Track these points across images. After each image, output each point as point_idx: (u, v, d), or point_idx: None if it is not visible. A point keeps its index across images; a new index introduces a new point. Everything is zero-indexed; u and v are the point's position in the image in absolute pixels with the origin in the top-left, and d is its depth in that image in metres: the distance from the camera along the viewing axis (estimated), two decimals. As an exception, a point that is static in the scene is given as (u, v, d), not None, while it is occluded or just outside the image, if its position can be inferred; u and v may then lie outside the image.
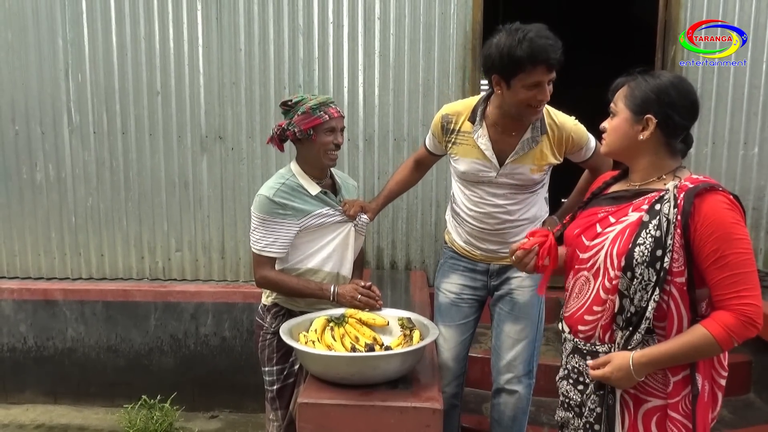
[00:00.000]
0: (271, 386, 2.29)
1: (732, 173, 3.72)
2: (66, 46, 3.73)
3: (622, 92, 1.61)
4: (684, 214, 1.46)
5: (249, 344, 3.72)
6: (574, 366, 1.68)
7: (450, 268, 2.47)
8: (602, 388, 1.59)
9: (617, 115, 1.61)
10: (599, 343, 1.60)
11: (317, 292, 2.18)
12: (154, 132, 3.79)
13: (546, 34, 1.93)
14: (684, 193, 1.48)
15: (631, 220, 1.56)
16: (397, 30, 3.67)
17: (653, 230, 1.49)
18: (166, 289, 3.78)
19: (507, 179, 2.21)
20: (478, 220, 2.31)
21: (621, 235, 1.55)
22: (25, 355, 3.84)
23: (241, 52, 3.70)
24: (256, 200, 2.17)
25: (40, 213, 3.90)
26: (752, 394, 3.31)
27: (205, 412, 3.77)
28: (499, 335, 2.40)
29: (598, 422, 1.60)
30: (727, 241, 1.44)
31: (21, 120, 3.81)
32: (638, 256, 1.49)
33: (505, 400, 2.41)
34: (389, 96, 3.73)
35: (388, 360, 1.88)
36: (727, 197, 1.48)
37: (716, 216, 1.45)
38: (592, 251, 1.62)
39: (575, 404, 1.69)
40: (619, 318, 1.54)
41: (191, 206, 3.85)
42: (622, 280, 1.52)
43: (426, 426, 1.79)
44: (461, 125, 2.25)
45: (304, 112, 2.13)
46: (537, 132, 2.14)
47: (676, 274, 1.48)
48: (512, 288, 2.35)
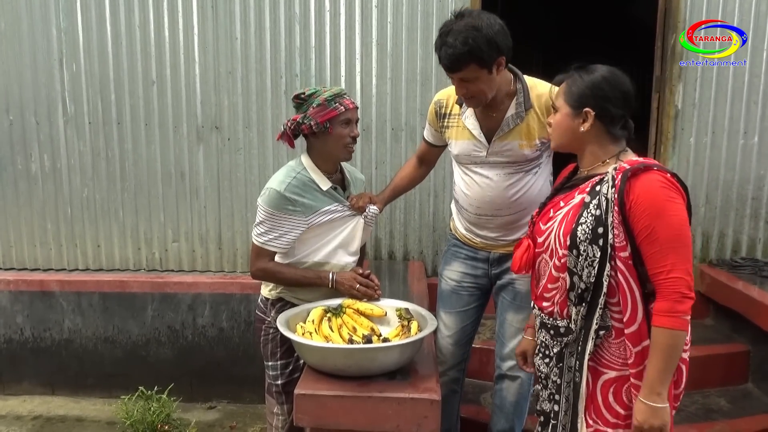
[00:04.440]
0: (275, 380, 2.27)
1: (732, 163, 3.70)
2: (60, 35, 3.69)
3: (562, 89, 1.73)
4: (620, 193, 1.57)
5: (246, 335, 3.72)
6: (542, 340, 1.83)
7: (452, 256, 2.51)
8: (561, 360, 1.75)
9: (559, 111, 1.73)
10: (559, 318, 1.74)
11: (315, 281, 2.16)
12: (149, 122, 3.76)
13: (444, 39, 1.98)
14: (621, 173, 1.60)
15: (575, 202, 1.70)
16: (395, 18, 3.63)
17: (593, 209, 1.61)
18: (163, 280, 3.77)
19: (497, 157, 2.22)
20: (474, 205, 2.32)
21: (566, 217, 1.69)
22: (22, 346, 3.83)
23: (237, 40, 3.66)
24: (266, 193, 2.11)
25: (36, 204, 3.87)
26: (750, 383, 3.32)
27: (202, 402, 3.77)
28: (502, 324, 2.44)
29: (559, 392, 1.77)
30: (658, 217, 1.54)
31: (15, 110, 3.78)
32: (581, 234, 1.61)
33: (507, 386, 2.45)
34: (387, 85, 3.70)
35: (386, 352, 1.87)
36: (663, 176, 1.57)
37: (649, 193, 1.55)
38: (545, 234, 1.77)
39: (543, 377, 1.84)
40: (572, 294, 1.67)
41: (188, 197, 3.83)
42: (570, 258, 1.65)
43: (424, 417, 1.79)
44: (451, 108, 2.29)
45: (319, 104, 2.09)
46: (521, 107, 2.15)
47: (619, 249, 1.58)
48: (514, 278, 2.35)
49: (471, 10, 2.02)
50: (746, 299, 3.26)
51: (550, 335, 1.78)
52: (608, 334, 1.65)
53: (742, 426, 2.93)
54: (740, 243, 3.79)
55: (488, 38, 1.93)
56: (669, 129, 3.69)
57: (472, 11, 2.01)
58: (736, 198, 3.74)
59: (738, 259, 3.73)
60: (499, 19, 2.00)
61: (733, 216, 3.76)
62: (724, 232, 3.77)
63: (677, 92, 3.65)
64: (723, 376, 3.29)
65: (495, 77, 2.03)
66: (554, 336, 1.76)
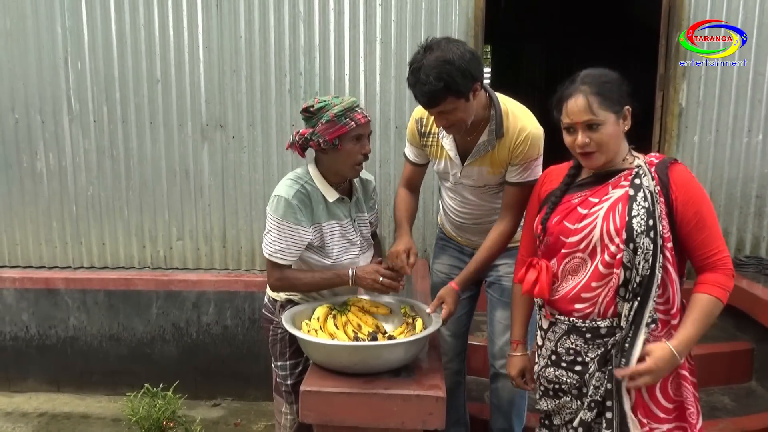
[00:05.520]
0: (285, 380, 2.25)
1: (736, 161, 3.70)
2: (65, 34, 3.71)
3: (585, 102, 1.63)
4: (663, 185, 1.63)
5: (251, 333, 3.73)
6: (569, 347, 1.73)
7: (441, 250, 2.57)
8: (606, 363, 1.66)
9: (604, 125, 1.64)
10: (599, 318, 1.68)
11: (335, 280, 2.08)
12: (154, 120, 3.77)
13: (417, 76, 1.90)
14: (654, 167, 1.66)
15: (617, 195, 1.66)
16: (399, 17, 3.64)
17: (642, 201, 1.62)
18: (167, 277, 3.79)
19: (468, 180, 2.24)
20: (455, 213, 2.40)
21: (612, 211, 1.65)
22: (27, 343, 3.85)
23: (242, 39, 3.67)
24: (274, 202, 2.03)
25: (41, 202, 3.89)
26: (754, 381, 3.31)
27: (207, 400, 3.79)
28: (492, 321, 2.47)
29: (609, 398, 1.65)
30: (703, 204, 1.64)
31: (21, 108, 3.79)
32: (637, 227, 1.60)
33: (502, 384, 2.46)
34: (391, 84, 3.70)
35: (391, 349, 1.88)
36: (685, 167, 1.69)
37: (690, 184, 1.64)
38: (583, 233, 1.69)
39: (571, 387, 1.75)
40: (623, 290, 1.63)
41: (192, 195, 3.84)
42: (626, 253, 1.61)
43: (429, 414, 1.80)
44: (430, 127, 2.24)
45: (328, 121, 1.97)
46: (492, 135, 2.10)
47: (666, 239, 1.62)
48: (500, 275, 2.39)
49: (438, 41, 1.92)
50: (750, 297, 3.26)
51: (584, 339, 1.71)
52: (655, 327, 1.63)
53: (745, 424, 2.93)
54: (744, 241, 3.79)
55: (462, 69, 1.87)
56: (673, 127, 3.69)
57: (440, 42, 1.91)
58: (740, 196, 3.73)
59: (742, 257, 3.72)
60: (468, 47, 1.95)
61: (737, 214, 3.76)
62: (728, 230, 3.77)
63: (681, 90, 3.65)
64: (727, 374, 3.29)
65: (472, 103, 1.98)
66: (591, 339, 1.69)
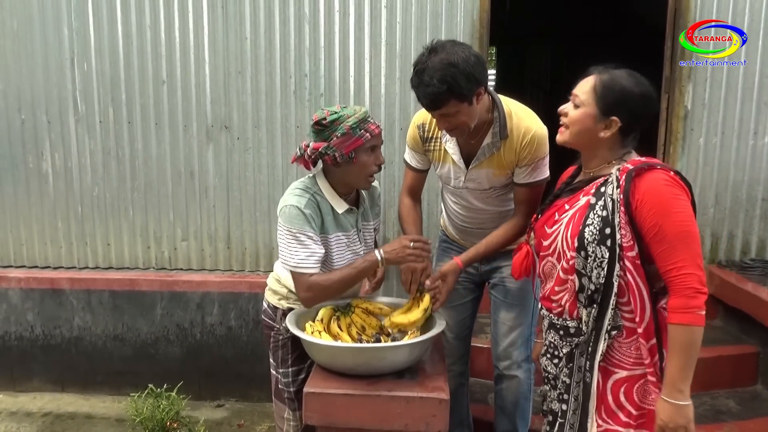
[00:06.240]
0: (287, 387, 2.24)
1: (741, 163, 3.68)
2: (71, 35, 3.72)
3: (591, 85, 1.66)
4: (625, 193, 1.58)
5: (255, 334, 3.73)
6: (551, 341, 1.82)
7: (443, 252, 2.58)
8: (571, 360, 1.74)
9: (582, 108, 1.66)
10: (569, 318, 1.74)
11: (366, 266, 2.01)
12: (159, 121, 3.78)
13: (421, 78, 1.91)
14: (625, 174, 1.60)
15: (580, 204, 1.69)
16: (404, 19, 3.64)
17: (600, 210, 1.61)
18: (172, 278, 3.79)
19: (473, 184, 2.24)
20: (459, 217, 2.41)
21: (573, 219, 1.69)
22: (32, 343, 3.86)
23: (247, 40, 3.68)
24: (286, 212, 1.97)
25: (47, 202, 3.90)
26: (759, 385, 3.30)
27: (211, 401, 3.79)
28: (495, 323, 2.48)
29: (568, 392, 1.76)
30: (665, 215, 1.54)
31: (27, 109, 3.81)
32: (588, 236, 1.61)
33: (506, 386, 2.48)
34: (396, 85, 3.70)
35: (395, 351, 1.88)
36: (666, 174, 1.57)
37: (654, 192, 1.55)
38: (551, 237, 1.77)
39: (552, 377, 1.84)
40: (581, 296, 1.67)
41: (197, 196, 3.85)
42: (578, 260, 1.64)
43: (432, 416, 1.80)
44: (433, 132, 2.24)
45: (344, 134, 1.93)
46: (497, 137, 2.11)
47: (627, 248, 1.59)
48: (504, 276, 2.40)
49: (443, 43, 1.93)
50: (755, 300, 3.24)
51: (559, 336, 1.78)
52: (619, 334, 1.66)
53: (751, 427, 2.92)
54: (750, 244, 3.77)
55: (466, 73, 1.87)
56: (678, 129, 3.67)
57: (445, 45, 1.91)
58: (745, 199, 3.72)
59: (747, 260, 3.71)
60: (473, 50, 1.95)
61: (743, 217, 3.74)
62: (733, 233, 3.75)
63: (687, 93, 3.63)
64: (732, 378, 3.28)
65: (476, 107, 1.98)
66: (564, 336, 1.76)
